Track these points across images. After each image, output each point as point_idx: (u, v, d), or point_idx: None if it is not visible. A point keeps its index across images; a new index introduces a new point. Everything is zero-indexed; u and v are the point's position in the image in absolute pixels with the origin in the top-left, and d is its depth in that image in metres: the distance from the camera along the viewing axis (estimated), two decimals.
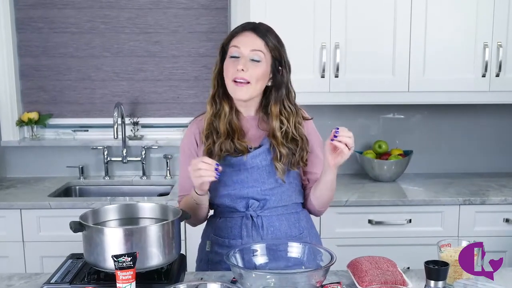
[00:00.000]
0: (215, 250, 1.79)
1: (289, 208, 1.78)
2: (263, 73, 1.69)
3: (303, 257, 1.58)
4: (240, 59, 1.67)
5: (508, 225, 2.68)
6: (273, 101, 1.74)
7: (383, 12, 2.74)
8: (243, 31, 1.71)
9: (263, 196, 1.73)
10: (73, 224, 1.48)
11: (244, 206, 1.74)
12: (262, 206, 1.74)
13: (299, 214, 1.81)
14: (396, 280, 1.48)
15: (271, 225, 1.75)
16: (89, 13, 3.13)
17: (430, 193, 2.76)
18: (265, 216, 1.74)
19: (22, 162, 3.20)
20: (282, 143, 1.71)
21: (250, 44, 1.68)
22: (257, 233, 1.74)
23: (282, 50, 1.73)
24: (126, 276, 1.34)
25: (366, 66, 2.78)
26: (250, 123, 1.78)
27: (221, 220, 1.79)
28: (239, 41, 1.69)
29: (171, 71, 3.20)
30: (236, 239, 1.75)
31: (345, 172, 3.18)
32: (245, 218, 1.75)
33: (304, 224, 1.82)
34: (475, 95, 2.82)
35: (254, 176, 1.72)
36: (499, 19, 2.74)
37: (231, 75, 1.68)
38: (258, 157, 1.72)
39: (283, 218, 1.77)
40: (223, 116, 1.74)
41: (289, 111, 1.74)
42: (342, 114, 3.15)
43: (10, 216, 2.65)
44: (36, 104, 3.22)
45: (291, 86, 1.76)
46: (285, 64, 1.73)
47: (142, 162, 3.18)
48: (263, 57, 1.68)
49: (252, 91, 1.69)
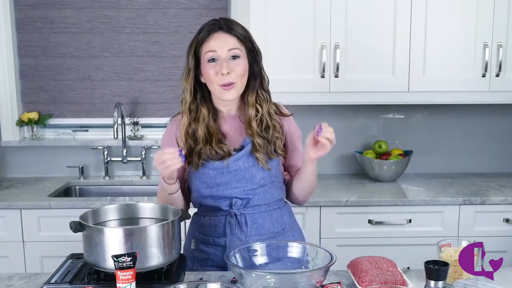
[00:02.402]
0: (200, 248, 1.81)
1: (272, 205, 1.81)
2: (244, 68, 1.70)
3: (303, 257, 1.58)
4: (220, 62, 1.67)
5: (508, 225, 2.68)
6: (250, 90, 1.75)
7: (383, 12, 2.74)
8: (212, 34, 1.68)
9: (246, 196, 1.76)
10: (73, 224, 1.48)
11: (228, 205, 1.76)
12: (245, 204, 1.76)
13: (281, 210, 1.84)
14: (396, 280, 1.48)
15: (254, 222, 1.77)
16: (89, 13, 3.13)
17: (430, 193, 2.76)
18: (248, 214, 1.77)
19: (22, 162, 3.20)
20: (257, 133, 1.73)
21: (224, 44, 1.67)
22: (240, 230, 1.76)
23: (251, 38, 1.74)
24: (126, 276, 1.34)
25: (366, 66, 2.78)
26: (230, 122, 1.79)
27: (205, 218, 1.81)
28: (213, 45, 1.67)
29: (171, 71, 3.20)
30: (220, 237, 1.78)
31: (345, 172, 3.18)
32: (228, 217, 1.77)
33: (286, 220, 1.85)
34: (475, 95, 2.82)
35: (237, 177, 1.74)
36: (499, 19, 2.74)
37: (217, 81, 1.67)
38: (240, 159, 1.73)
39: (266, 215, 1.79)
40: (202, 120, 1.74)
41: (263, 98, 1.76)
42: (342, 114, 3.15)
43: (10, 216, 2.65)
44: (36, 104, 3.22)
45: (264, 73, 1.78)
46: (257, 52, 1.74)
47: (142, 162, 3.18)
48: (240, 53, 1.69)
49: (239, 89, 1.71)
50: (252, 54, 1.73)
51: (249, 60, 1.73)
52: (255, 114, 1.74)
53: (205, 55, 1.68)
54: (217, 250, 1.79)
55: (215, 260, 1.79)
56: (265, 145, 1.74)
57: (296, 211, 2.54)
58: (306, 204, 2.60)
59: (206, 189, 1.76)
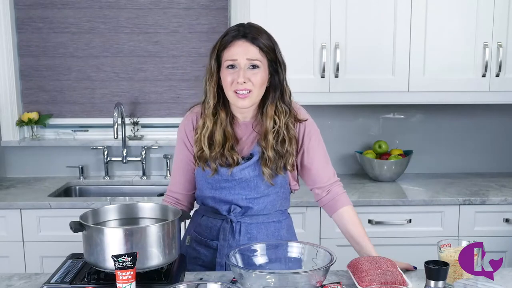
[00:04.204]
0: (193, 246, 1.83)
1: (271, 217, 1.79)
2: (263, 78, 1.66)
3: (303, 257, 1.58)
4: (238, 70, 1.64)
5: (508, 225, 2.68)
6: (269, 101, 1.71)
7: (383, 12, 2.74)
8: (235, 40, 1.65)
9: (247, 204, 1.75)
10: (73, 224, 1.47)
11: (227, 210, 1.76)
12: (244, 213, 1.76)
13: (281, 223, 1.82)
14: (396, 280, 1.48)
15: (248, 232, 1.76)
16: (89, 13, 3.13)
17: (430, 193, 2.76)
18: (244, 223, 1.76)
19: (22, 162, 3.20)
20: (272, 146, 1.70)
21: (245, 53, 1.64)
22: (233, 238, 1.76)
23: (276, 49, 1.70)
24: (126, 276, 1.34)
25: (366, 66, 2.78)
26: (243, 129, 1.77)
27: (203, 218, 1.82)
28: (234, 52, 1.64)
29: (171, 71, 3.20)
30: (214, 240, 1.78)
31: (345, 172, 3.18)
32: (224, 222, 1.76)
33: (284, 234, 1.82)
34: (475, 95, 2.82)
35: (242, 184, 1.74)
36: (499, 19, 2.74)
37: (232, 87, 1.65)
38: (246, 169, 1.72)
39: (262, 227, 1.78)
40: (219, 124, 1.72)
41: (281, 110, 1.71)
42: (342, 114, 3.15)
43: (10, 216, 2.65)
44: (36, 104, 3.22)
45: (286, 85, 1.73)
46: (280, 63, 1.70)
47: (142, 162, 3.17)
48: (260, 63, 1.65)
49: (255, 98, 1.67)
50: (273, 66, 1.69)
51: (270, 71, 1.69)
52: (273, 126, 1.70)
53: (225, 61, 1.66)
54: (208, 251, 1.79)
55: (205, 260, 1.80)
56: (275, 160, 1.71)
57: (296, 211, 2.55)
58: (306, 204, 2.61)
59: (209, 189, 1.76)
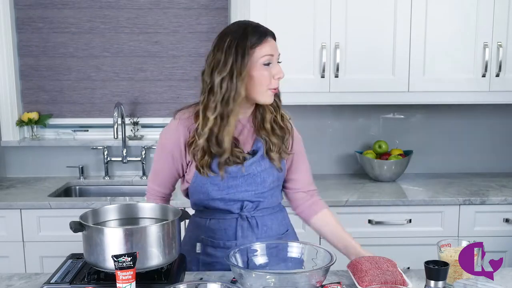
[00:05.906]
0: (208, 251, 1.78)
1: (275, 208, 1.85)
2: None
3: (303, 257, 1.58)
4: (275, 66, 1.68)
5: (508, 225, 2.68)
6: None
7: (383, 12, 2.74)
8: (265, 38, 1.67)
9: (257, 199, 1.76)
10: (73, 224, 1.47)
11: (239, 208, 1.76)
12: (255, 207, 1.77)
13: (283, 212, 1.89)
14: (396, 280, 1.48)
15: (264, 225, 1.79)
16: (89, 13, 3.13)
17: (430, 193, 2.76)
18: (259, 217, 1.78)
19: (22, 162, 3.20)
20: (273, 133, 1.74)
21: (276, 50, 1.70)
22: (252, 233, 1.76)
23: None
24: (126, 276, 1.34)
25: (366, 66, 2.78)
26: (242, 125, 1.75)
27: (212, 221, 1.78)
28: (269, 50, 1.66)
29: (171, 71, 3.20)
30: (231, 240, 1.77)
31: (345, 172, 3.18)
32: (240, 219, 1.76)
33: (287, 221, 1.90)
34: (475, 95, 2.82)
35: (249, 181, 1.74)
36: (499, 19, 2.74)
37: (271, 85, 1.67)
38: (253, 164, 1.73)
39: (273, 217, 1.82)
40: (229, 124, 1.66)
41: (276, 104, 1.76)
42: (342, 114, 3.15)
43: (10, 216, 2.65)
44: (36, 104, 3.22)
45: None
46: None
47: (142, 162, 3.18)
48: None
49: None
50: None
51: None
52: (270, 116, 1.74)
53: (261, 58, 1.65)
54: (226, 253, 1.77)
55: (224, 263, 1.76)
56: (279, 144, 1.75)
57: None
58: None
59: (216, 191, 1.74)
